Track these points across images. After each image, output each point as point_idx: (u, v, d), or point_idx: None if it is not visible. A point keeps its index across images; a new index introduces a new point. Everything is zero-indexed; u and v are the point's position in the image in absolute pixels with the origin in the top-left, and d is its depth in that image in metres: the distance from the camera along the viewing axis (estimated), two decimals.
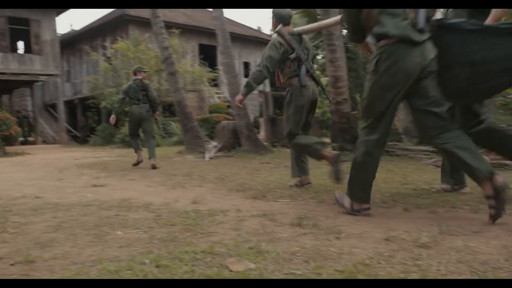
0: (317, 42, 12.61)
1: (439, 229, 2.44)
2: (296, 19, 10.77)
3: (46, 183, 5.27)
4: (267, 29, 42.86)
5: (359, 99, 9.22)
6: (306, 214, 2.98)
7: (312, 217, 2.87)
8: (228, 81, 9.48)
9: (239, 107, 5.02)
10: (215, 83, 22.18)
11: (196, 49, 22.71)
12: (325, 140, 4.71)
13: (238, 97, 4.19)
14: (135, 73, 7.30)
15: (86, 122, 23.35)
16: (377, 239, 2.32)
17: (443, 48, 2.74)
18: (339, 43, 7.65)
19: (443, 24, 2.79)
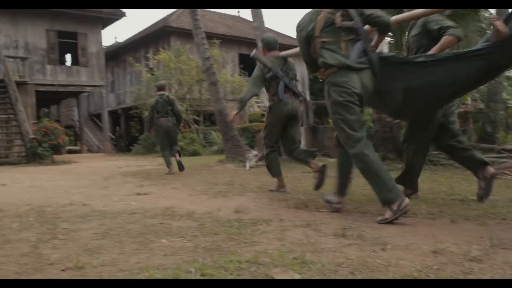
0: None
1: (491, 242, 2.35)
2: None
3: (92, 191, 5.42)
4: None
5: None
6: (350, 224, 2.93)
7: (356, 228, 2.83)
8: None
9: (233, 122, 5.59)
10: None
11: (236, 59, 22.93)
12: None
13: (234, 112, 4.75)
14: (160, 89, 8.02)
15: (123, 131, 23.92)
16: (424, 252, 2.26)
17: (384, 75, 3.19)
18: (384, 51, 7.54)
19: (382, 57, 3.26)
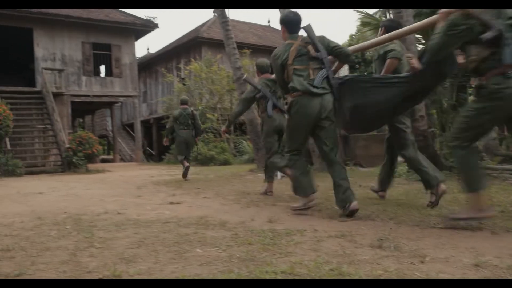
0: None
1: None
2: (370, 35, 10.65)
3: (126, 200, 5.50)
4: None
5: (436, 115, 8.88)
6: (386, 235, 2.88)
7: (393, 239, 2.77)
8: None
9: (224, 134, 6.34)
10: (285, 101, 22.25)
11: None
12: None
13: (223, 129, 5.78)
14: (184, 103, 9.01)
15: (147, 141, 24.29)
16: (465, 265, 2.19)
17: (341, 94, 3.79)
18: None
19: (340, 79, 3.81)
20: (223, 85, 17.37)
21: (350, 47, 4.24)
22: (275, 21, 65.51)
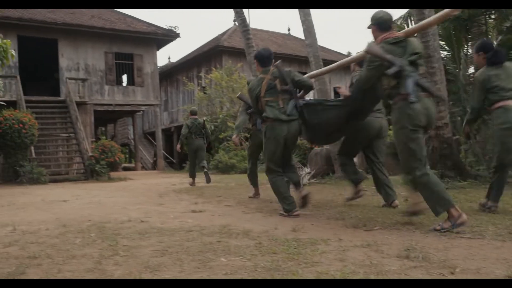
0: None
1: None
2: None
3: (148, 208, 5.52)
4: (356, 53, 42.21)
5: (461, 122, 8.75)
6: (413, 245, 2.82)
7: (420, 249, 2.71)
8: None
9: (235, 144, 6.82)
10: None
11: None
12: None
13: (234, 136, 6.49)
14: (194, 113, 9.79)
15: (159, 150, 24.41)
16: (498, 277, 2.13)
17: (304, 114, 4.50)
18: (439, 65, 7.32)
19: (305, 102, 4.55)
20: (243, 93, 17.41)
21: (307, 74, 5.51)
22: (295, 29, 65.63)
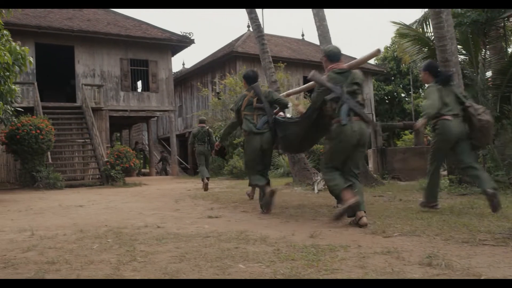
0: None
1: None
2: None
3: (164, 213, 5.52)
4: (371, 59, 42.00)
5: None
6: (435, 252, 2.76)
7: (443, 256, 2.66)
8: None
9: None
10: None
11: (301, 81, 22.93)
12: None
13: (217, 143, 6.56)
14: (202, 122, 10.58)
15: (167, 154, 24.51)
16: None
17: (275, 129, 5.21)
18: (456, 69, 7.23)
19: (274, 119, 5.24)
20: None
21: (283, 93, 6.84)
22: (309, 34, 65.53)
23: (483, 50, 9.78)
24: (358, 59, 5.00)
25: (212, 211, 5.60)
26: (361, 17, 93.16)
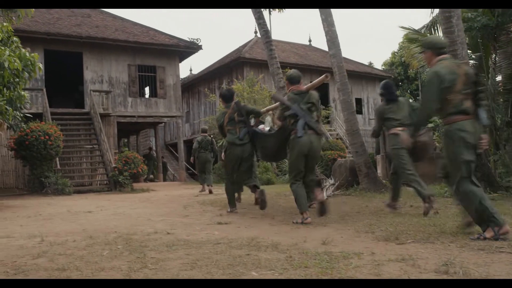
0: None
1: None
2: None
3: (173, 219, 5.49)
4: (378, 64, 42.04)
5: (490, 132, 8.56)
6: (451, 260, 2.71)
7: (459, 264, 2.60)
8: (346, 118, 9.32)
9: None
10: (327, 120, 22.14)
11: None
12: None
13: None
14: (204, 131, 11.29)
15: (167, 160, 24.59)
16: None
17: (253, 139, 5.87)
18: None
19: (253, 130, 5.91)
20: (265, 104, 17.36)
21: (264, 108, 7.52)
22: (316, 40, 65.60)
23: (493, 55, 9.71)
24: (311, 83, 5.63)
25: (221, 217, 5.57)
26: (368, 21, 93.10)
